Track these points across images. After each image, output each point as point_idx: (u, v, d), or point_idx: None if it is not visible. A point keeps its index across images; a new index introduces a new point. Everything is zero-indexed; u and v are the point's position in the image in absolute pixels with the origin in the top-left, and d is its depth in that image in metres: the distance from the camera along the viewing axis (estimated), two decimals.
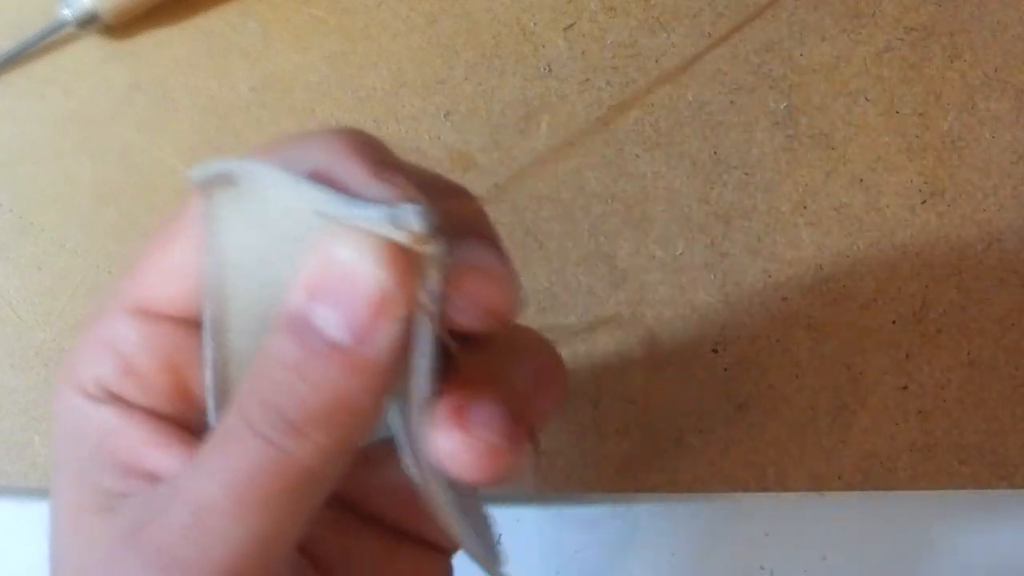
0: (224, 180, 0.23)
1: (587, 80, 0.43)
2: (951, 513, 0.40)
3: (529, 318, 0.41)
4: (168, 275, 0.25)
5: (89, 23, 0.43)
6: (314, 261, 0.22)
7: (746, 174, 0.42)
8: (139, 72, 0.43)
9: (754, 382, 0.40)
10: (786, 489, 0.39)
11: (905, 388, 0.40)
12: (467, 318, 0.23)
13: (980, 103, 0.42)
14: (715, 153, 0.42)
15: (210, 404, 0.24)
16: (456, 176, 0.42)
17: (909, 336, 0.40)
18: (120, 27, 0.43)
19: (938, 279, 0.41)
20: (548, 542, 0.40)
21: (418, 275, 0.22)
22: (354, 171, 0.23)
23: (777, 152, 0.42)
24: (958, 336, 0.40)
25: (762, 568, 0.40)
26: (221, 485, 0.22)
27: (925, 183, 0.41)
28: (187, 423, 0.25)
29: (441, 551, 0.28)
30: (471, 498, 0.26)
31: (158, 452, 0.24)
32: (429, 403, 0.23)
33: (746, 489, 0.39)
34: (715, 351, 0.40)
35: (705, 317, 0.40)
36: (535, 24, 0.44)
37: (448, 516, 0.25)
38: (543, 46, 0.44)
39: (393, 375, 0.23)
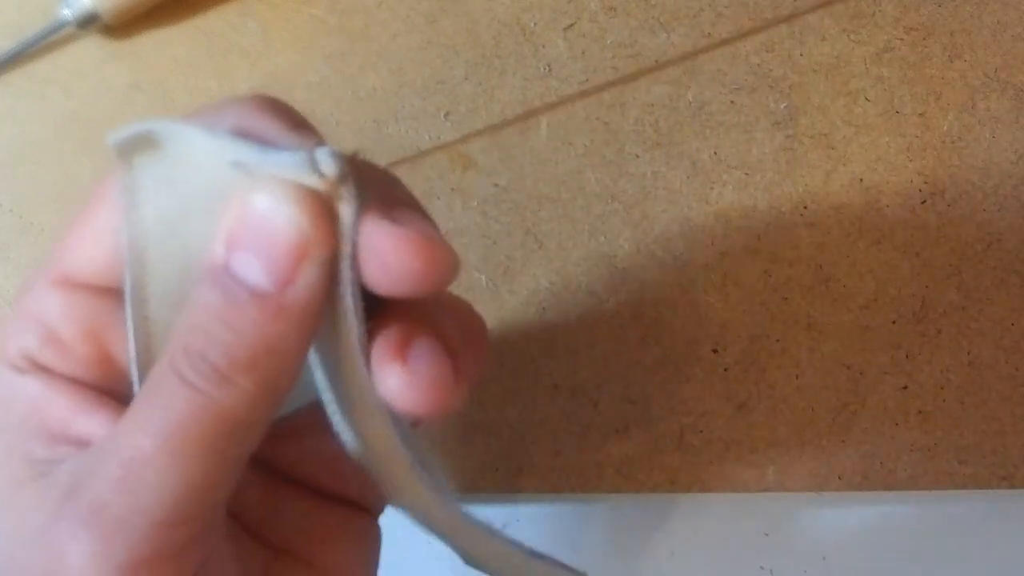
0: (143, 143, 0.24)
1: (587, 80, 0.43)
2: (951, 513, 0.40)
3: (529, 318, 0.41)
4: (89, 243, 0.25)
5: (89, 23, 0.43)
6: (232, 211, 0.23)
7: (746, 174, 0.42)
8: (139, 72, 0.43)
9: (754, 382, 0.40)
10: (786, 489, 0.39)
11: (905, 388, 0.40)
12: (393, 279, 0.23)
13: (980, 103, 0.42)
14: (715, 153, 0.42)
15: (134, 373, 0.25)
16: (456, 176, 0.42)
17: (909, 336, 0.40)
18: (120, 27, 0.43)
19: (938, 279, 0.41)
20: (547, 542, 0.40)
21: (334, 218, 0.23)
22: (269, 127, 0.23)
23: (777, 152, 0.42)
24: (958, 336, 0.40)
25: (762, 568, 0.40)
26: (150, 435, 0.22)
27: (925, 183, 0.41)
28: (112, 392, 0.25)
29: (367, 511, 0.29)
30: (412, 438, 0.26)
31: (84, 418, 0.25)
32: (362, 343, 0.24)
33: (746, 489, 0.39)
34: (715, 351, 0.40)
35: (705, 317, 0.40)
36: (535, 24, 0.44)
37: (391, 458, 0.25)
38: (543, 46, 0.44)
39: (316, 321, 0.23)
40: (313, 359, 0.24)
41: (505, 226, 0.41)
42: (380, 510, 0.30)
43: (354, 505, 0.29)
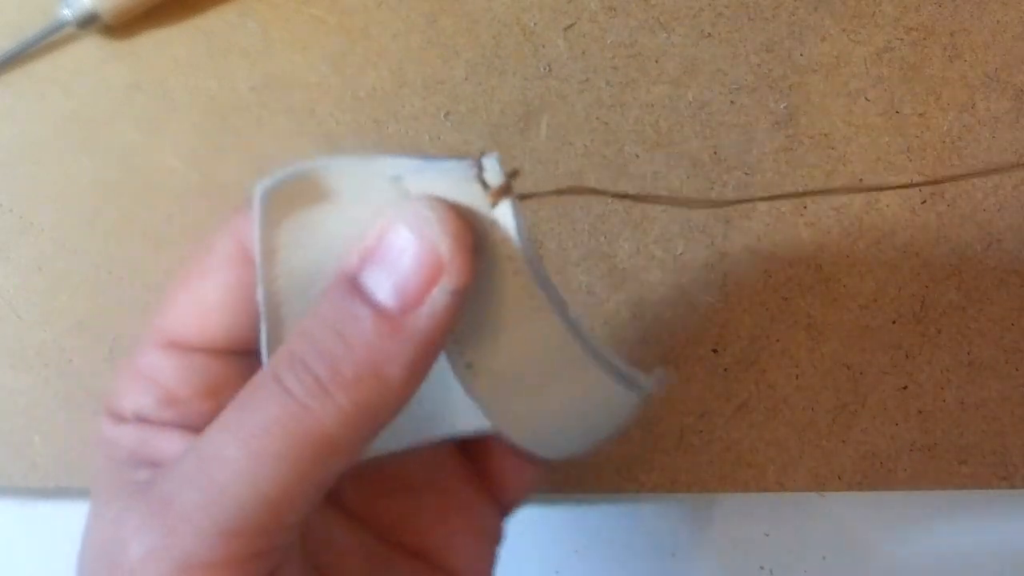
0: (288, 187, 0.23)
1: (587, 80, 0.43)
2: (951, 513, 0.40)
3: None
4: (201, 314, 0.25)
5: (89, 23, 0.42)
6: (375, 227, 0.22)
7: (746, 174, 0.42)
8: (139, 72, 0.43)
9: (754, 382, 0.40)
10: (786, 489, 0.39)
11: (905, 388, 0.40)
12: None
13: (980, 103, 0.42)
14: (715, 153, 0.42)
15: None
16: None
17: (909, 336, 0.40)
18: (120, 27, 0.43)
19: (938, 279, 0.41)
20: (548, 542, 0.40)
21: (480, 247, 0.22)
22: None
23: (777, 152, 0.42)
24: (958, 336, 0.40)
25: (762, 568, 0.40)
26: (232, 434, 0.21)
27: (925, 183, 0.41)
28: None
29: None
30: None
31: None
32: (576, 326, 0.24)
33: (746, 489, 0.39)
34: (715, 351, 0.40)
35: (705, 317, 0.40)
36: (535, 24, 0.44)
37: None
38: (543, 46, 0.43)
39: (431, 357, 0.22)
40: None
41: None
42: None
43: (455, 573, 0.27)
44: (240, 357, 0.25)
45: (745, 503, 0.40)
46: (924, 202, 0.41)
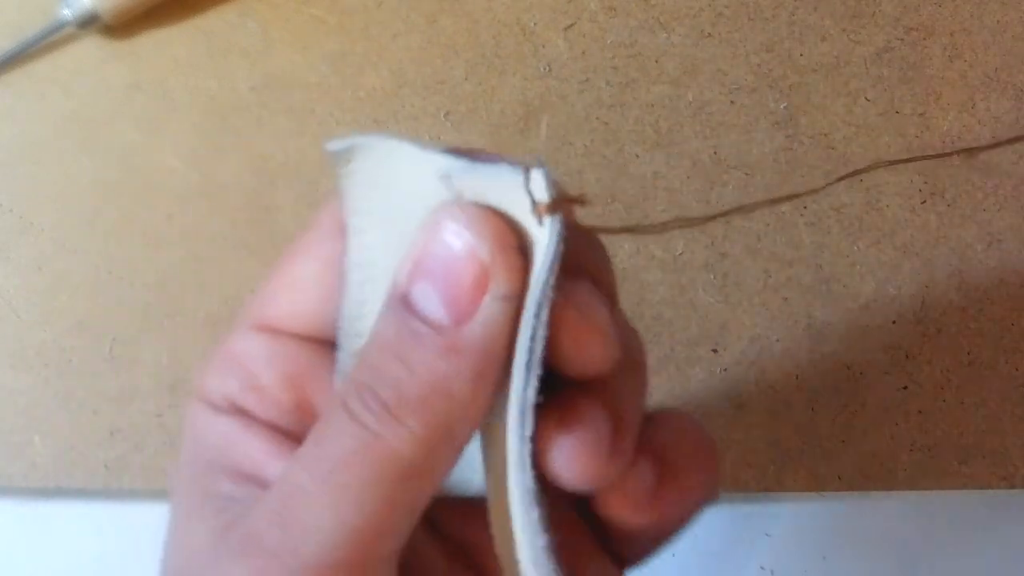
0: (357, 154, 0.22)
1: (587, 80, 0.43)
2: (951, 513, 0.40)
3: None
4: (293, 291, 0.24)
5: (89, 23, 0.43)
6: (419, 237, 0.21)
7: (746, 174, 0.42)
8: (139, 72, 0.43)
9: (754, 382, 0.40)
10: (786, 489, 0.39)
11: (905, 388, 0.40)
12: (558, 358, 0.21)
13: (980, 103, 0.42)
14: (715, 153, 0.42)
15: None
16: None
17: (909, 336, 0.40)
18: (120, 27, 0.43)
19: (938, 279, 0.41)
20: None
21: (525, 254, 0.21)
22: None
23: (777, 152, 0.42)
24: (958, 336, 0.40)
25: (762, 568, 0.40)
26: (310, 470, 0.21)
27: (925, 183, 0.41)
28: None
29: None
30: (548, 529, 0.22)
31: (277, 462, 0.24)
32: (532, 397, 0.21)
33: (746, 489, 0.39)
34: (715, 351, 0.40)
35: (705, 317, 0.40)
36: (535, 24, 0.44)
37: (523, 532, 0.21)
38: (543, 46, 0.43)
39: (497, 365, 0.21)
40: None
41: None
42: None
43: None
44: (327, 348, 0.25)
45: (745, 503, 0.40)
46: (924, 202, 0.41)
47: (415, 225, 0.22)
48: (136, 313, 0.41)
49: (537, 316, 0.20)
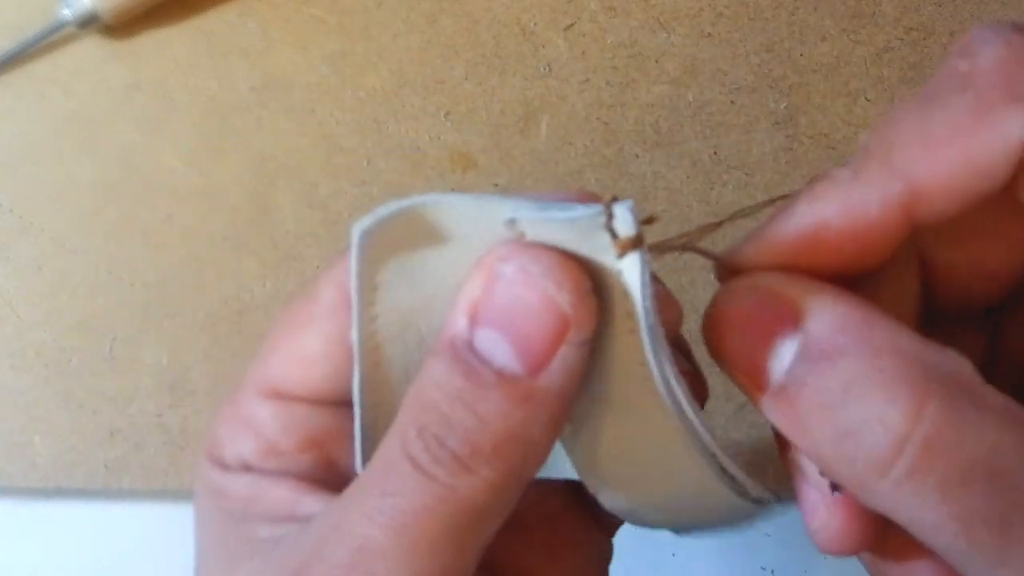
0: (391, 224, 0.22)
1: (587, 80, 0.43)
2: None
3: None
4: (301, 364, 0.24)
5: (89, 23, 0.43)
6: (477, 280, 0.21)
7: (746, 174, 0.42)
8: (139, 72, 0.43)
9: None
10: (787, 489, 0.39)
11: None
12: None
13: None
14: (715, 153, 0.42)
15: (357, 447, 0.23)
16: (456, 176, 0.42)
17: None
18: (120, 27, 0.43)
19: None
20: None
21: (599, 293, 0.20)
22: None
23: (777, 152, 0.42)
24: None
25: (762, 568, 0.40)
26: (381, 526, 0.20)
27: None
28: (338, 490, 0.24)
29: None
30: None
31: (312, 498, 0.23)
32: (690, 402, 0.22)
33: None
34: None
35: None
36: (535, 24, 0.44)
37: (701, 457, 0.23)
38: (543, 46, 0.43)
39: (568, 406, 0.21)
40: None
41: None
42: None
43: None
44: (343, 408, 0.24)
45: None
46: None
47: (460, 277, 0.21)
48: (136, 313, 0.41)
49: (656, 353, 0.20)
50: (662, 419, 0.22)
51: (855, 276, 0.22)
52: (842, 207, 0.21)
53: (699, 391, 0.25)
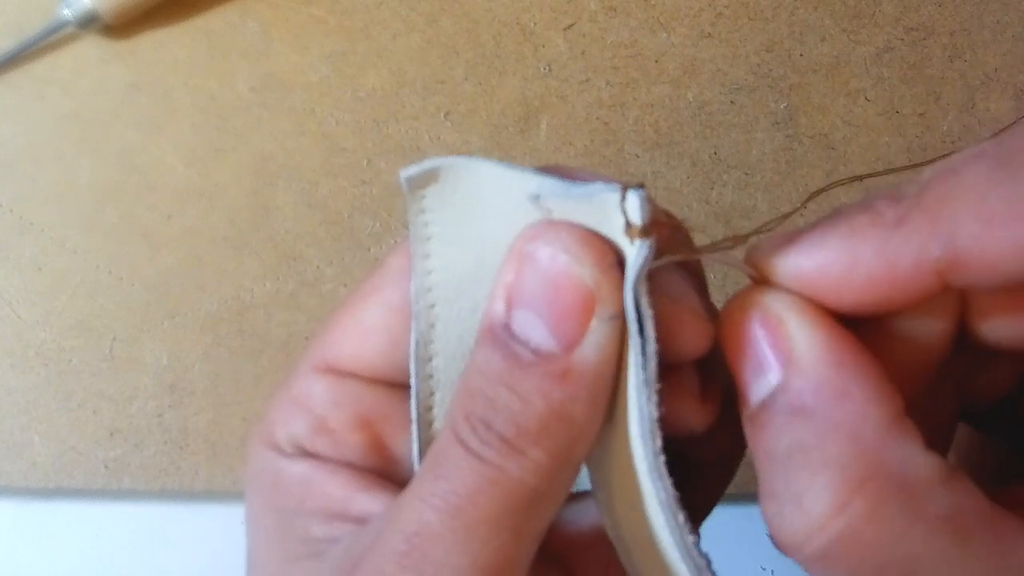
0: (432, 180, 0.22)
1: (587, 80, 0.43)
2: None
3: None
4: (359, 336, 0.24)
5: (89, 23, 0.43)
6: (510, 263, 0.21)
7: (746, 174, 0.42)
8: (139, 72, 0.43)
9: None
10: None
11: None
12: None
13: (980, 103, 0.42)
14: (715, 153, 0.42)
15: (415, 438, 0.23)
16: None
17: None
18: (120, 27, 0.43)
19: None
20: None
21: (621, 270, 0.20)
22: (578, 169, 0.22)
23: (777, 152, 0.42)
24: None
25: (763, 568, 0.40)
26: (436, 509, 0.20)
27: None
28: (388, 476, 0.24)
29: None
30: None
31: (364, 496, 0.23)
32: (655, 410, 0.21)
33: (747, 489, 0.39)
34: None
35: None
36: (535, 24, 0.44)
37: (671, 534, 0.22)
38: (543, 46, 0.43)
39: (609, 383, 0.21)
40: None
41: None
42: None
43: None
44: (395, 389, 0.24)
45: (745, 503, 0.40)
46: None
47: (502, 248, 0.21)
48: (136, 313, 0.41)
49: (642, 335, 0.20)
50: (624, 432, 0.21)
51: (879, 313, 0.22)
52: (876, 254, 0.21)
53: (715, 393, 0.24)
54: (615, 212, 0.20)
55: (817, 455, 0.20)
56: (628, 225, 0.20)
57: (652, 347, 0.20)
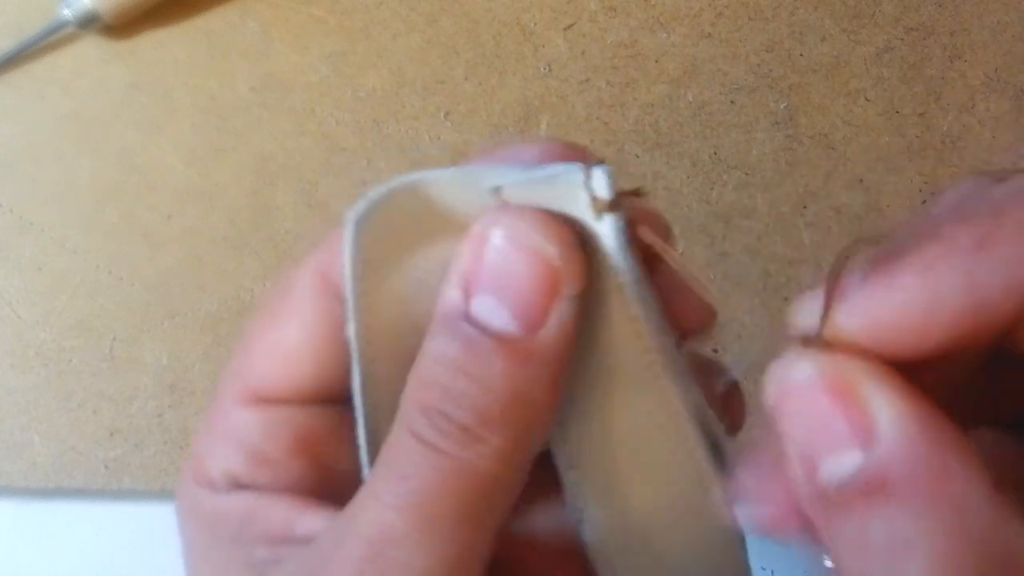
0: (383, 207, 0.21)
1: (587, 80, 0.43)
2: None
3: None
4: (282, 360, 0.23)
5: (89, 23, 0.43)
6: (467, 250, 0.20)
7: (746, 174, 0.42)
8: (139, 72, 0.43)
9: (755, 382, 0.40)
10: None
11: None
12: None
13: (980, 103, 0.42)
14: (715, 153, 0.42)
15: (363, 452, 0.23)
16: None
17: None
18: (120, 27, 0.43)
19: None
20: None
21: (587, 243, 0.20)
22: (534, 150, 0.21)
23: (777, 152, 0.42)
24: None
25: (763, 568, 0.40)
26: (396, 509, 0.20)
27: (925, 183, 0.41)
28: (335, 494, 0.23)
29: None
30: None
31: (307, 517, 0.23)
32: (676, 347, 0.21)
33: None
34: (715, 351, 0.40)
35: None
36: (535, 24, 0.44)
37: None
38: (543, 46, 0.43)
39: (567, 363, 0.21)
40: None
41: None
42: None
43: None
44: (330, 407, 0.24)
45: None
46: (924, 202, 0.41)
47: (450, 254, 0.21)
48: (136, 313, 0.41)
49: (647, 317, 0.20)
50: (658, 393, 0.21)
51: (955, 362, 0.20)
52: (962, 285, 0.18)
53: (737, 410, 0.24)
54: (580, 190, 0.20)
55: (925, 549, 0.18)
56: (594, 200, 0.20)
57: (658, 321, 0.20)
